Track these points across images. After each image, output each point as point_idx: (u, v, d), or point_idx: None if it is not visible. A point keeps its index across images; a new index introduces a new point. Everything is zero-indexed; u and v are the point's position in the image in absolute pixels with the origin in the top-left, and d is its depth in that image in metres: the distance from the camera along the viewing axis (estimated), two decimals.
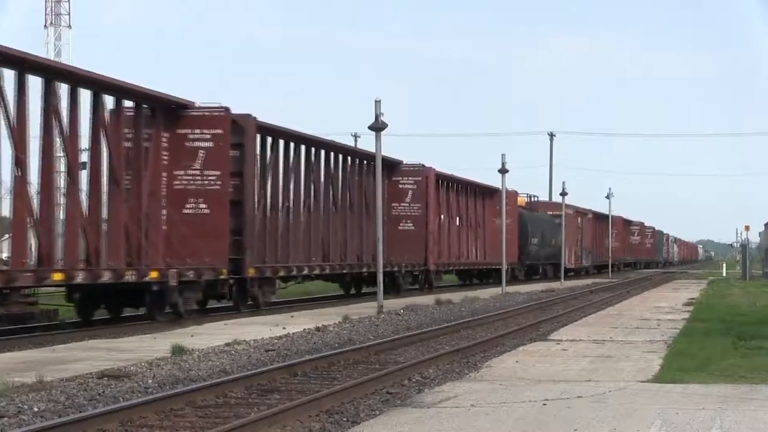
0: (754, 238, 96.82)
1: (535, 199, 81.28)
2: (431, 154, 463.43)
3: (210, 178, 29.80)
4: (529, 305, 37.28)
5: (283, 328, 24.92)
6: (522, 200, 68.52)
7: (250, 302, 32.31)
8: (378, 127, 32.13)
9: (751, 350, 20.79)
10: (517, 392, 15.05)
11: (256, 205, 32.10)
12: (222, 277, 29.97)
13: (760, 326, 26.52)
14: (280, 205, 34.59)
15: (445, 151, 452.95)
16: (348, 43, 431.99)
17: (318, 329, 24.83)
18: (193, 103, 30.10)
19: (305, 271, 36.14)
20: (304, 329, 24.63)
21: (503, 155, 48.73)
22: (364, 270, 41.57)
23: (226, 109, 30.19)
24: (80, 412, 13.01)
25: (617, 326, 27.58)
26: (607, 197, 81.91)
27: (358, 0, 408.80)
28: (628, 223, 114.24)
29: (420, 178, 47.27)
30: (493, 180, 56.33)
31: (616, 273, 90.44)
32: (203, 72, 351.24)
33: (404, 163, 47.08)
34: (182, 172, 29.65)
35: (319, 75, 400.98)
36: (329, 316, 28.65)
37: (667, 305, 38.40)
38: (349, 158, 41.26)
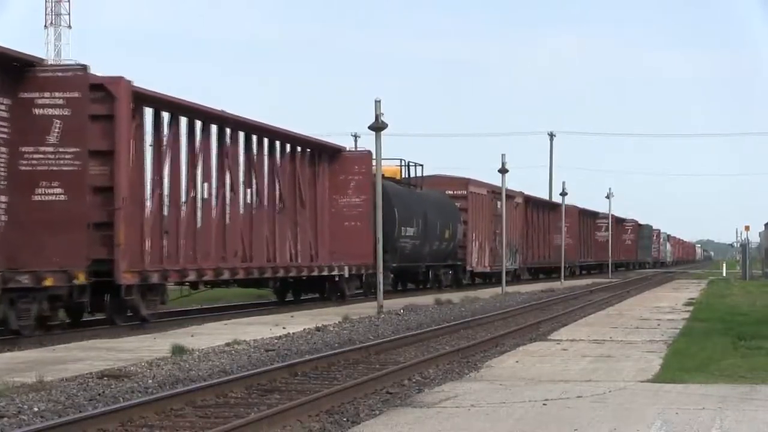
0: (754, 238, 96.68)
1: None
2: (431, 154, 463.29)
3: (66, 156, 23.93)
4: (529, 305, 37.29)
5: (284, 328, 24.93)
6: (392, 169, 46.16)
7: (130, 314, 26.05)
8: (378, 127, 32.11)
9: (751, 350, 20.78)
10: (517, 392, 15.05)
11: (149, 195, 26.74)
12: (78, 282, 23.62)
13: (760, 326, 26.51)
14: (183, 195, 28.67)
15: (445, 152, 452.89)
16: (348, 43, 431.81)
17: (318, 329, 24.84)
18: (43, 60, 25.57)
19: (207, 276, 29.38)
20: (304, 329, 24.63)
21: (503, 155, 48.65)
22: (304, 273, 35.67)
23: (84, 68, 24.39)
24: (80, 412, 13.01)
25: (617, 326, 27.57)
26: (607, 197, 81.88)
27: (358, 0, 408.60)
28: (592, 215, 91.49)
29: (366, 168, 38.89)
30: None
31: (563, 278, 66.42)
32: (203, 72, 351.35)
33: (347, 149, 40.43)
34: (32, 149, 23.81)
35: (318, 75, 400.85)
36: (329, 316, 28.65)
37: (667, 305, 38.39)
38: (278, 143, 35.17)
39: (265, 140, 34.09)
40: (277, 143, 35.11)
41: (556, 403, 14.01)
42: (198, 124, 29.45)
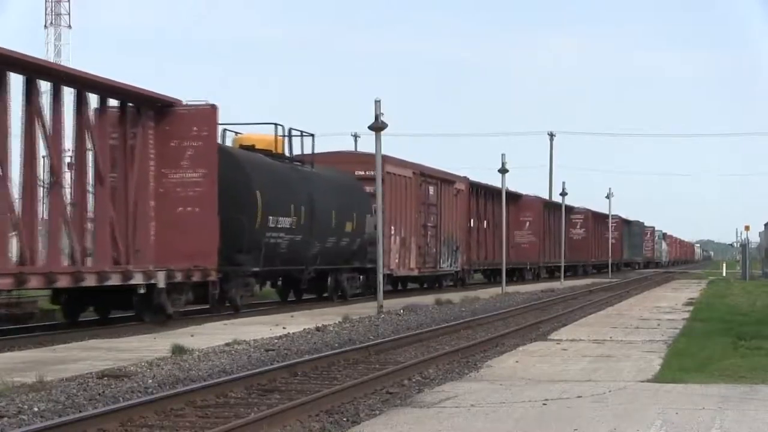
0: (754, 238, 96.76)
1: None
2: (431, 154, 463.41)
3: None
4: (529, 305, 37.29)
5: (284, 327, 24.92)
6: (266, 138, 33.96)
7: None
8: (378, 127, 32.11)
9: (751, 350, 20.79)
10: (517, 392, 15.05)
11: None
12: None
13: (760, 326, 26.52)
14: None
15: (445, 152, 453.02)
16: (348, 43, 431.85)
17: (318, 329, 24.83)
18: None
19: None
20: (304, 329, 24.63)
21: (503, 155, 48.59)
22: (86, 283, 23.93)
23: None
24: (80, 412, 13.01)
25: (617, 326, 27.58)
26: (607, 197, 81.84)
27: (358, 0, 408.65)
28: (568, 210, 75.85)
29: (209, 130, 27.74)
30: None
31: (511, 283, 56.54)
32: (203, 72, 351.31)
33: (184, 103, 27.93)
34: None
35: (319, 75, 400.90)
36: (329, 316, 28.65)
37: (667, 305, 38.40)
38: (63, 90, 24.28)
39: (40, 83, 23.69)
40: (64, 91, 24.36)
41: (556, 403, 14.02)
42: None
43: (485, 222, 58.55)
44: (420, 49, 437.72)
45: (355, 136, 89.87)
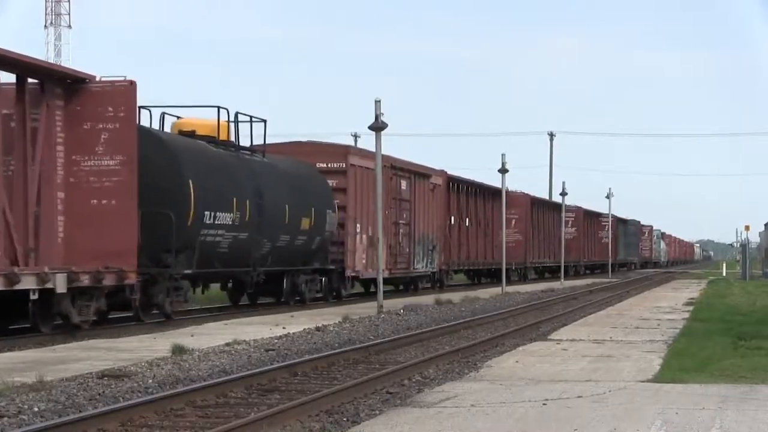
0: (754, 238, 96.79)
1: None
2: (431, 154, 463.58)
3: None
4: (529, 305, 37.29)
5: (283, 327, 24.92)
6: (208, 124, 30.42)
7: None
8: (378, 127, 32.09)
9: (751, 350, 20.80)
10: (517, 392, 15.05)
11: None
12: None
13: (760, 326, 26.53)
14: None
15: (445, 152, 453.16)
16: (348, 43, 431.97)
17: (318, 329, 24.83)
18: None
19: None
20: (304, 329, 24.62)
21: (503, 155, 48.62)
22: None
23: None
24: (80, 412, 13.00)
25: (617, 326, 27.58)
26: (607, 197, 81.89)
27: (358, 0, 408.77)
28: (552, 206, 75.41)
29: (127, 110, 23.99)
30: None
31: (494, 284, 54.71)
32: (203, 72, 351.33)
33: (98, 79, 24.20)
34: None
35: (319, 75, 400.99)
36: (329, 316, 28.65)
37: (667, 305, 38.40)
38: None
39: None
40: None
41: (556, 403, 14.02)
42: None
43: (467, 219, 55.44)
44: (420, 49, 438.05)
45: (355, 136, 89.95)
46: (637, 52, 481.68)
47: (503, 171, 48.98)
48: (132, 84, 24.15)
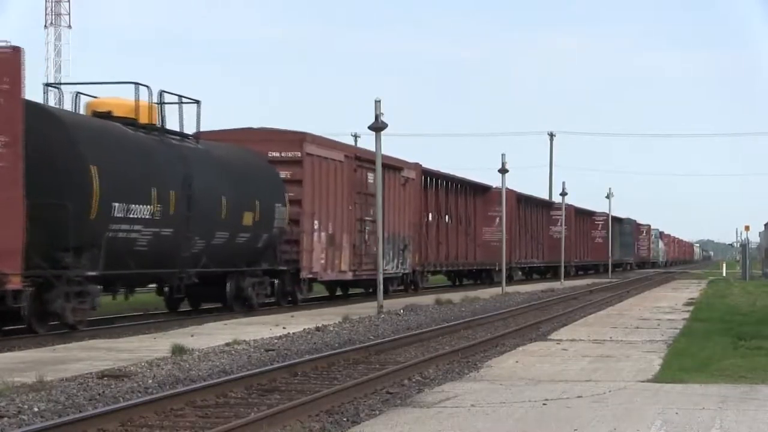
0: (754, 238, 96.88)
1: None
2: (431, 154, 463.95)
3: None
4: (529, 305, 37.30)
5: (283, 328, 24.92)
6: (126, 103, 26.49)
7: None
8: (378, 127, 32.08)
9: (751, 350, 20.80)
10: (517, 392, 15.06)
11: None
12: None
13: (760, 326, 26.53)
14: None
15: (446, 152, 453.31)
16: (348, 43, 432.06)
17: (318, 329, 24.83)
18: None
19: None
20: (304, 329, 24.62)
21: (503, 155, 48.60)
22: None
23: None
24: (80, 412, 13.01)
25: (617, 326, 27.58)
26: (607, 197, 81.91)
27: (357, 0, 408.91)
28: (544, 205, 72.86)
29: (10, 83, 20.51)
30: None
31: (469, 288, 52.18)
32: (203, 72, 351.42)
33: None
34: None
35: (319, 75, 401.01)
36: (329, 316, 28.65)
37: (667, 305, 38.41)
38: None
39: None
40: None
41: (556, 403, 14.02)
42: None
43: (447, 217, 51.98)
44: (420, 49, 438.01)
45: (355, 136, 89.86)
46: (638, 52, 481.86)
47: (503, 171, 48.97)
48: (16, 50, 20.45)
